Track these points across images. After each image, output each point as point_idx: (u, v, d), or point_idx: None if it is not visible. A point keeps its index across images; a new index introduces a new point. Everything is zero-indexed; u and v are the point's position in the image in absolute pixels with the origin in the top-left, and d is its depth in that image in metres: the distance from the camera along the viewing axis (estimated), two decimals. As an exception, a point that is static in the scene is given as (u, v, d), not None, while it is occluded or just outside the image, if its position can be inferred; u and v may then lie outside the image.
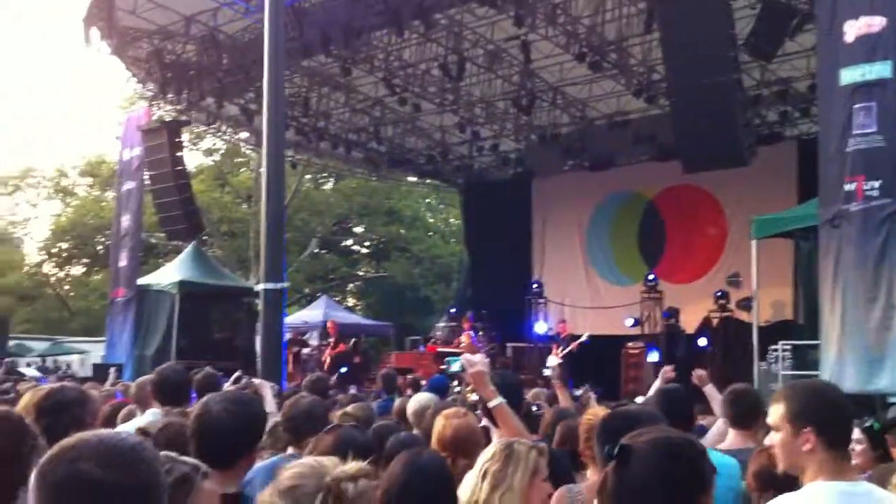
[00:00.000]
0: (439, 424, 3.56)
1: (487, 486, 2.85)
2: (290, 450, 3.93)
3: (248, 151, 32.29)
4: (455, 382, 5.66)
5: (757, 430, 4.11)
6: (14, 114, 73.91)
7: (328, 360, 19.68)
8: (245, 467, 2.87)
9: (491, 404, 3.69)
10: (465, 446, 3.29)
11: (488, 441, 3.44)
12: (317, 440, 3.12)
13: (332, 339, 20.61)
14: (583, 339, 17.88)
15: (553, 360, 17.68)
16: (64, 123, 73.06)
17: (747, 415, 4.32)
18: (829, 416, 2.61)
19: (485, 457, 2.95)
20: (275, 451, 4.13)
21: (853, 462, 4.09)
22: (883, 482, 3.21)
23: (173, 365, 5.21)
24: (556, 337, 19.18)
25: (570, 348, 18.08)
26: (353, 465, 2.07)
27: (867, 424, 4.42)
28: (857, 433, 4.24)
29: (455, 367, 7.59)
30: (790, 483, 2.68)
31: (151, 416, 4.69)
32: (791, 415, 2.66)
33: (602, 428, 2.76)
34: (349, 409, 5.18)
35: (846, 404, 2.70)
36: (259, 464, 4.00)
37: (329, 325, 21.55)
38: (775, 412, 2.70)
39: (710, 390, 6.25)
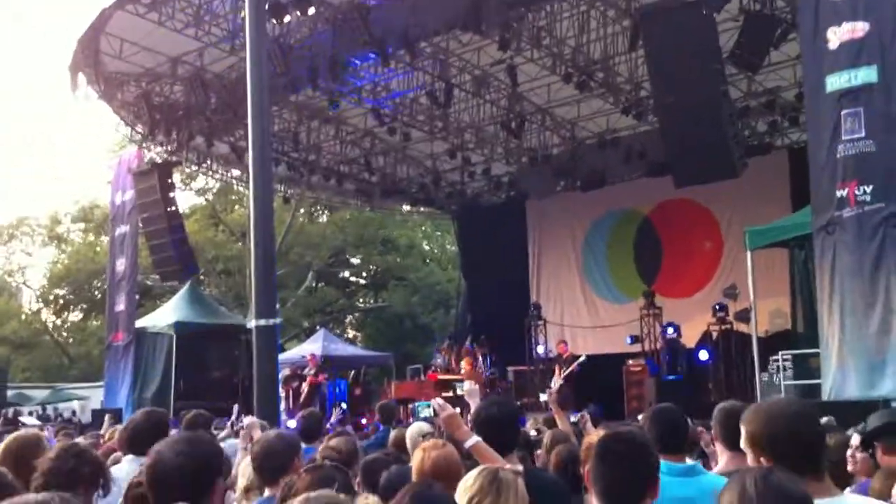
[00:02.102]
0: (418, 457, 3.52)
1: None
2: (267, 492, 3.83)
3: (240, 189, 32.26)
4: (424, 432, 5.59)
5: None
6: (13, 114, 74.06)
7: (305, 391, 19.53)
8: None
9: (467, 445, 3.68)
10: (445, 476, 3.23)
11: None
12: (297, 480, 3.03)
13: (311, 371, 20.49)
14: (581, 359, 17.79)
15: (556, 383, 17.61)
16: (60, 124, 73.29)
17: (738, 434, 4.10)
18: (781, 446, 2.47)
19: (466, 485, 2.84)
20: (261, 493, 4.02)
21: (850, 469, 4.01)
22: (887, 491, 3.12)
23: (145, 411, 5.03)
24: (559, 358, 19.05)
25: (570, 369, 17.96)
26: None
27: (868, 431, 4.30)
28: (855, 439, 4.13)
29: (425, 413, 7.51)
30: None
31: (127, 464, 4.51)
32: (750, 440, 2.58)
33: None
34: (332, 442, 5.06)
35: (802, 429, 2.51)
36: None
37: (308, 357, 21.46)
38: (742, 435, 2.62)
39: None
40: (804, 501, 1.91)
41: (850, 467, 4.03)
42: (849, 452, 4.06)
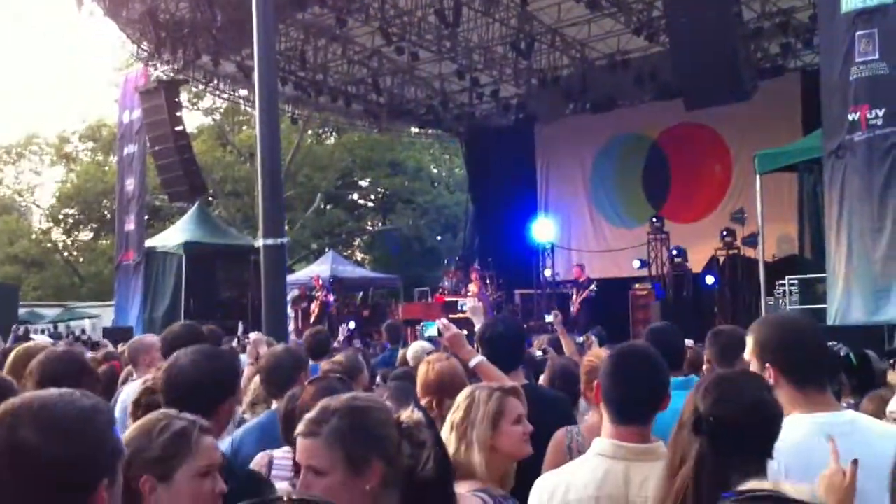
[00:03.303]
0: (423, 370, 3.60)
1: (455, 438, 2.80)
2: (274, 405, 3.90)
3: (248, 109, 32.05)
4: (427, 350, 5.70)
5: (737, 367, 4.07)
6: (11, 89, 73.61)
7: (315, 313, 19.81)
8: (222, 420, 2.84)
9: (471, 364, 3.75)
10: (450, 388, 3.29)
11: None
12: (301, 391, 3.08)
13: (318, 293, 20.75)
14: (592, 288, 18.02)
15: (575, 305, 17.93)
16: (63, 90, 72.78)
17: (726, 351, 4.27)
18: (786, 353, 2.54)
19: (454, 406, 2.91)
20: (267, 406, 4.10)
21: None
22: (879, 411, 3.16)
23: (183, 323, 5.13)
24: (575, 282, 19.13)
25: (584, 295, 18.13)
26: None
27: (842, 355, 4.36)
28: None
29: (431, 332, 7.62)
30: None
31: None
32: (756, 349, 2.63)
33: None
34: (336, 357, 5.14)
35: (808, 339, 2.59)
36: (251, 422, 4.00)
37: (314, 279, 21.72)
38: (747, 345, 2.68)
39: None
40: (754, 405, 1.98)
41: None
42: None
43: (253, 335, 5.64)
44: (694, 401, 1.95)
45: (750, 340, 2.66)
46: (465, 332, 4.07)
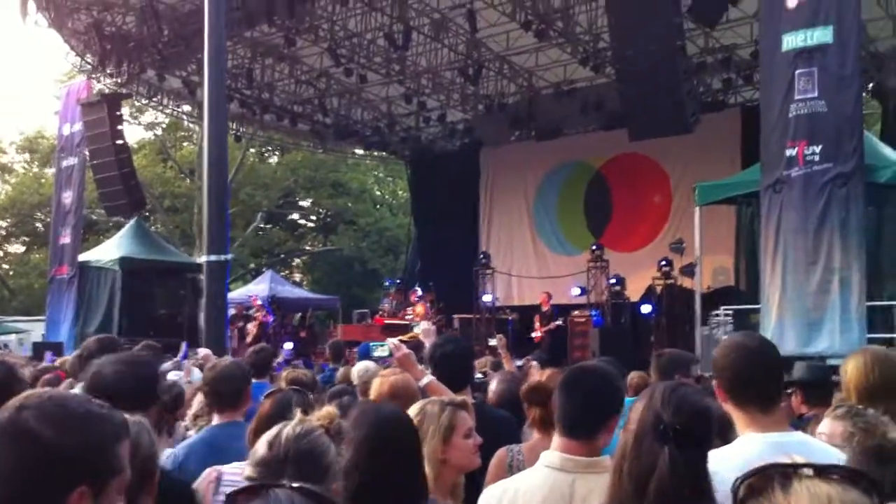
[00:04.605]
0: (376, 383, 3.65)
1: None
2: (216, 418, 3.85)
3: (190, 125, 31.70)
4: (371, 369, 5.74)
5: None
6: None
7: (253, 332, 19.63)
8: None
9: (421, 384, 3.80)
10: (403, 400, 3.30)
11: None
12: (258, 406, 3.05)
13: (257, 313, 20.58)
14: (559, 323, 18.21)
15: (537, 334, 18.03)
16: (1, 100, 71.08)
17: (667, 369, 4.44)
18: (730, 372, 2.61)
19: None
20: (209, 421, 4.04)
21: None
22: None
23: (97, 338, 5.02)
24: (539, 308, 19.17)
25: (550, 326, 18.22)
26: None
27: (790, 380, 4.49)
28: None
29: (380, 353, 7.65)
30: None
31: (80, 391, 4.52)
32: (712, 367, 2.73)
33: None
34: (296, 372, 5.10)
35: (754, 360, 2.61)
36: (191, 438, 3.93)
37: (253, 299, 21.57)
38: None
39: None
40: (705, 411, 2.00)
41: None
42: None
43: (202, 350, 5.56)
44: (651, 411, 1.99)
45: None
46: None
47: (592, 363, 2.86)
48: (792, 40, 9.58)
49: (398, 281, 23.76)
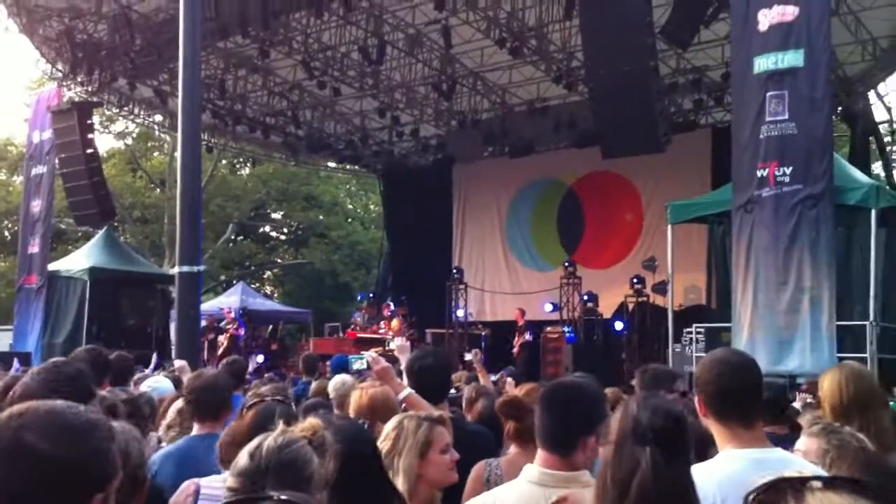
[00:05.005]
0: (356, 395, 3.66)
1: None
2: (196, 429, 3.82)
3: (161, 135, 31.46)
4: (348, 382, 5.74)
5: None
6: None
7: (224, 344, 19.54)
8: None
9: (399, 397, 3.81)
10: (382, 412, 3.30)
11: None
12: (239, 415, 3.03)
13: (229, 325, 20.50)
14: (527, 337, 18.27)
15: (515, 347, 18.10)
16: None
17: (651, 383, 4.45)
18: (712, 387, 2.64)
19: (382, 435, 2.92)
20: (183, 432, 4.01)
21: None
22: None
23: (87, 349, 4.98)
24: (515, 324, 19.20)
25: (521, 340, 18.28)
26: None
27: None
28: None
29: (358, 366, 7.64)
30: None
31: None
32: (694, 383, 2.76)
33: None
34: (264, 389, 5.08)
35: (736, 376, 2.65)
36: (166, 448, 3.90)
37: (226, 311, 21.48)
38: None
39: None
40: (681, 414, 2.03)
41: None
42: None
43: (178, 362, 5.52)
44: (629, 417, 2.02)
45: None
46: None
47: (571, 378, 2.88)
48: (763, 63, 9.73)
49: (371, 295, 23.73)
